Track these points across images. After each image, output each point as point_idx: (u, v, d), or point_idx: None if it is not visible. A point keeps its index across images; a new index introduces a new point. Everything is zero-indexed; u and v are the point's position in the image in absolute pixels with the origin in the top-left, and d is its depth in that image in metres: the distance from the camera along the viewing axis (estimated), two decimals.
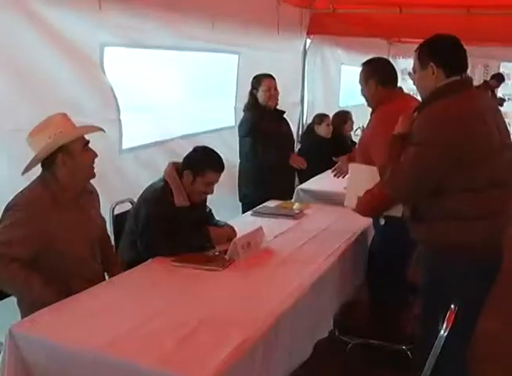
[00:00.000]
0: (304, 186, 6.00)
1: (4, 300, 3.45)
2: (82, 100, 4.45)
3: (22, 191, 3.33)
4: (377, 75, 4.28)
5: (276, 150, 5.55)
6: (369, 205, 4.12)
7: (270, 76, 5.73)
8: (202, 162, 4.00)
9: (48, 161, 3.32)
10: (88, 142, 3.43)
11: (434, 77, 3.24)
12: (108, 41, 4.69)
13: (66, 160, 3.31)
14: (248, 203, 5.45)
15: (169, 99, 5.97)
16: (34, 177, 3.40)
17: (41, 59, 4.11)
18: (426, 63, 3.27)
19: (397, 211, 4.02)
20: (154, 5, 5.03)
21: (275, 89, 5.70)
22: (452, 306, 2.89)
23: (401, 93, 4.41)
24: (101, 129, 3.57)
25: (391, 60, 13.87)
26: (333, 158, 5.10)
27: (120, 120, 4.85)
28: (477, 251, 3.19)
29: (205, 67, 6.45)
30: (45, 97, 4.16)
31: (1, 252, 3.14)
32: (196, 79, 6.40)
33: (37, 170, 3.41)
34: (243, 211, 5.46)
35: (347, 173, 4.65)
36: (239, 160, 5.84)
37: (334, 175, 4.93)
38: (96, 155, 3.45)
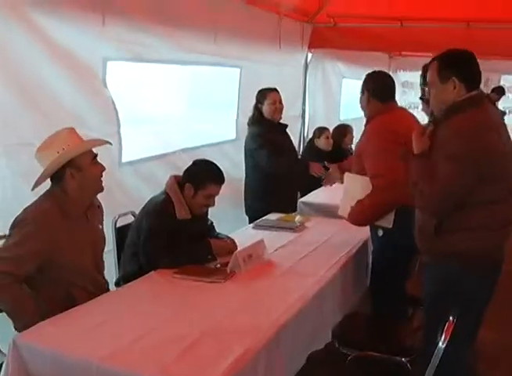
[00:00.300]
0: (305, 199, 6.03)
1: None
2: (84, 114, 4.48)
3: (30, 205, 3.35)
4: (372, 88, 4.37)
5: (287, 159, 5.59)
6: (361, 215, 4.26)
7: (275, 90, 5.76)
8: (202, 175, 4.03)
9: (56, 176, 3.35)
10: (96, 155, 3.46)
11: (456, 91, 3.28)
12: (111, 56, 4.72)
13: (75, 174, 3.34)
14: (255, 216, 5.46)
15: (170, 112, 6.00)
16: (41, 191, 3.43)
17: (44, 73, 4.15)
18: (447, 77, 3.30)
19: (387, 223, 4.14)
20: (156, 20, 5.08)
21: (280, 103, 5.73)
22: (451, 318, 2.90)
23: (394, 106, 4.46)
24: (108, 142, 3.61)
25: (391, 73, 14.02)
26: (325, 163, 5.16)
27: (119, 133, 4.88)
28: (495, 258, 3.32)
29: (207, 80, 6.48)
30: (49, 111, 4.19)
31: (8, 270, 3.15)
32: (197, 92, 6.43)
33: (44, 184, 3.44)
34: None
35: (337, 181, 4.90)
36: (244, 174, 5.85)
37: (325, 184, 5.15)
38: (104, 168, 3.48)
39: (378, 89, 4.38)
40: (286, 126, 5.94)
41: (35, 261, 3.22)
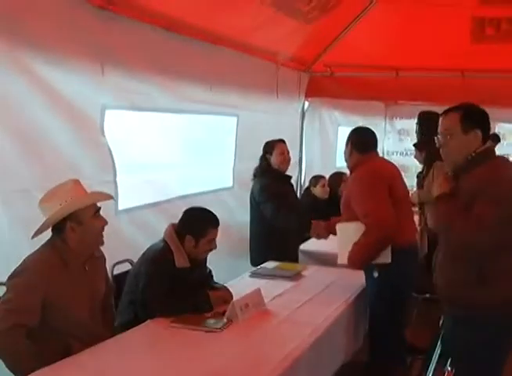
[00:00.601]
0: (303, 246, 6.02)
1: None
2: (81, 162, 4.49)
3: (30, 255, 3.35)
4: (355, 141, 4.76)
5: (293, 214, 5.58)
6: (358, 255, 4.38)
7: (283, 141, 5.90)
8: (200, 224, 4.05)
9: (57, 227, 3.37)
10: (99, 209, 3.49)
11: (477, 142, 3.38)
12: (109, 104, 4.76)
13: (75, 228, 3.36)
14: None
15: (167, 159, 6.01)
16: (38, 239, 3.43)
17: (44, 122, 4.17)
18: (470, 129, 3.39)
19: (385, 258, 4.28)
20: (154, 70, 5.13)
21: (288, 153, 5.87)
22: None
23: (375, 155, 4.87)
24: (111, 197, 3.68)
25: (387, 121, 14.12)
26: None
27: (116, 182, 4.87)
28: None
29: (203, 128, 6.51)
30: (46, 158, 4.20)
31: (20, 322, 3.14)
32: (194, 140, 6.45)
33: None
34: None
35: (326, 236, 5.06)
36: (240, 222, 5.85)
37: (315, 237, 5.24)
38: (106, 222, 3.51)
39: (360, 142, 4.74)
40: (290, 177, 6.04)
41: (37, 311, 3.21)
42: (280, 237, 5.58)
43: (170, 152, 6.03)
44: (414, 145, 7.91)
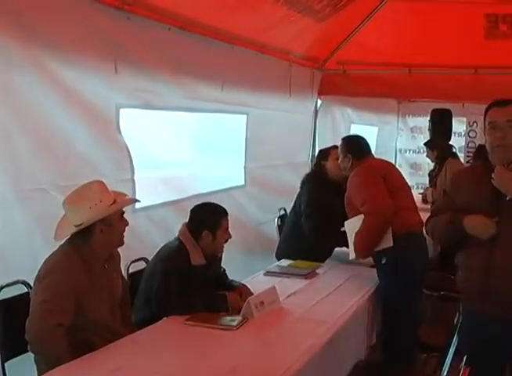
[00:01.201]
0: None
1: (20, 356, 3.47)
2: (98, 160, 4.52)
3: (53, 255, 3.38)
4: (352, 152, 4.93)
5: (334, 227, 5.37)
6: (360, 243, 4.58)
7: (336, 146, 5.58)
8: (213, 216, 4.09)
9: (84, 229, 3.39)
10: (123, 211, 3.55)
11: None
12: (123, 103, 4.78)
13: (104, 230, 3.41)
14: None
15: (180, 157, 6.03)
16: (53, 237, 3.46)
17: (59, 120, 4.19)
18: None
19: (387, 243, 4.44)
20: (167, 69, 5.15)
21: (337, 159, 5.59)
22: None
23: (371, 159, 5.00)
24: (137, 200, 3.86)
25: (400, 119, 14.09)
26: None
27: (134, 180, 4.91)
28: None
29: (216, 126, 6.53)
30: (64, 157, 4.24)
31: (59, 322, 3.19)
32: (206, 138, 6.47)
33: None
34: None
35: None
36: (252, 220, 5.80)
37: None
38: (128, 223, 3.56)
39: (358, 151, 4.93)
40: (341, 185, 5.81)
41: (71, 311, 3.26)
42: (314, 243, 5.48)
43: (183, 150, 6.05)
44: (425, 143, 7.91)
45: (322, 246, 5.53)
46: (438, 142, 7.86)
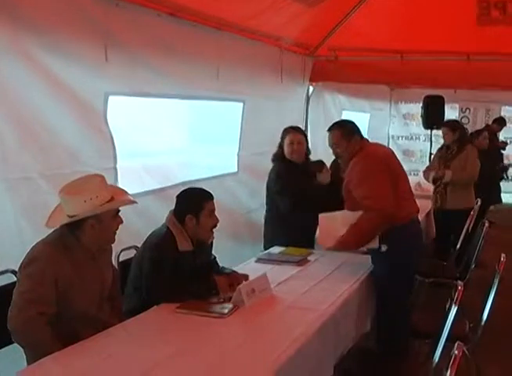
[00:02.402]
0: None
1: (10, 346, 3.46)
2: (82, 149, 4.49)
3: (39, 244, 3.36)
4: (353, 130, 4.77)
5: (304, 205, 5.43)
6: (355, 237, 4.53)
7: (296, 129, 5.70)
8: (195, 199, 4.07)
9: (74, 223, 3.36)
10: (119, 210, 3.51)
11: None
12: (112, 91, 4.74)
13: (95, 226, 3.37)
14: None
15: (171, 145, 6.00)
16: (42, 225, 3.44)
17: (46, 108, 4.17)
18: None
19: (374, 243, 4.47)
20: (158, 55, 5.12)
21: (299, 143, 5.60)
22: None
23: (367, 142, 4.86)
24: (135, 202, 3.69)
25: (393, 105, 14.10)
26: None
27: (116, 169, 4.86)
28: None
29: (208, 114, 6.50)
30: (49, 146, 4.21)
31: (42, 310, 3.17)
32: (198, 125, 6.44)
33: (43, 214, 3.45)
34: None
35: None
36: (244, 207, 5.81)
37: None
38: (122, 221, 3.53)
39: (357, 129, 4.78)
40: (308, 166, 5.80)
41: (55, 296, 3.24)
42: (296, 223, 5.46)
43: (174, 138, 6.03)
44: (446, 123, 7.77)
45: (296, 227, 5.48)
46: (460, 125, 7.79)
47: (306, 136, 5.75)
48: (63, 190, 3.38)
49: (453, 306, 3.64)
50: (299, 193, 5.38)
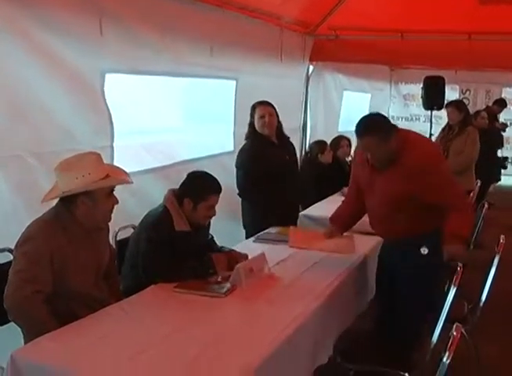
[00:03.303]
0: (307, 211, 5.98)
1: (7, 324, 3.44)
2: (77, 127, 4.46)
3: (34, 222, 3.34)
4: (392, 126, 4.02)
5: (275, 183, 5.39)
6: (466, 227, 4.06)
7: (264, 102, 5.55)
8: (201, 188, 4.00)
9: (67, 198, 3.33)
10: (114, 187, 3.46)
11: None
12: (109, 68, 4.70)
13: (87, 203, 3.34)
14: (251, 229, 5.40)
15: (167, 124, 5.96)
16: (36, 203, 3.41)
17: (38, 85, 4.12)
18: None
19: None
20: (154, 32, 5.07)
21: (271, 115, 5.48)
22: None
23: (402, 132, 4.07)
24: (130, 182, 3.61)
25: (393, 86, 14.06)
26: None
27: (112, 147, 4.82)
28: None
29: (205, 92, 6.46)
30: (41, 124, 4.18)
31: (38, 288, 3.16)
32: (195, 104, 6.40)
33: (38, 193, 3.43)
34: (247, 238, 5.40)
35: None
36: None
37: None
38: (118, 202, 3.48)
39: (388, 124, 4.03)
40: (286, 139, 5.77)
41: (49, 277, 3.22)
42: (268, 201, 5.40)
43: (170, 116, 6.00)
44: (453, 103, 7.69)
45: (259, 204, 5.46)
46: (465, 106, 7.72)
47: (275, 109, 5.61)
48: (58, 167, 3.35)
49: (452, 287, 3.62)
50: (260, 168, 5.32)
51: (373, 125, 3.96)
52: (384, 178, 4.00)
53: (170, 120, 6.00)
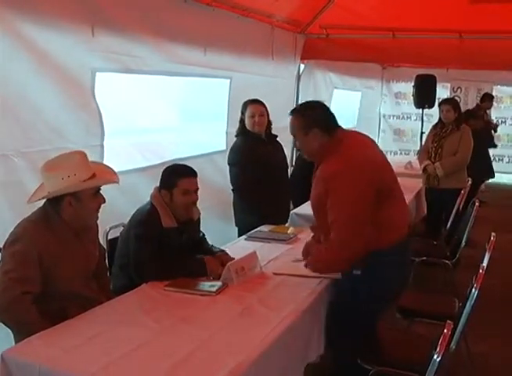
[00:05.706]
0: (298, 210, 5.97)
1: None
2: (67, 126, 4.45)
3: (22, 222, 3.33)
4: (318, 120, 3.69)
5: (267, 180, 5.42)
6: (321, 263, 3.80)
7: (256, 101, 5.59)
8: (170, 176, 4.01)
9: (54, 199, 3.33)
10: (100, 187, 3.45)
11: None
12: (100, 67, 4.69)
13: (73, 203, 3.33)
14: (243, 227, 5.40)
15: (160, 123, 5.95)
16: (20, 204, 3.43)
17: (30, 84, 4.11)
18: None
19: (337, 275, 3.86)
20: (146, 31, 5.06)
21: (261, 115, 5.52)
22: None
23: (345, 135, 3.77)
24: (116, 182, 3.58)
25: (384, 84, 14.05)
26: None
27: (103, 146, 4.81)
28: None
29: (197, 91, 6.46)
30: (29, 123, 4.16)
31: (27, 290, 3.14)
32: (188, 103, 6.39)
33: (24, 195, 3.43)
34: (239, 236, 5.40)
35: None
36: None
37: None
38: (104, 201, 3.47)
39: (324, 119, 3.72)
40: (274, 138, 5.79)
41: (38, 277, 3.21)
42: (260, 198, 5.41)
43: (162, 115, 5.98)
44: (447, 101, 7.68)
45: (253, 201, 5.46)
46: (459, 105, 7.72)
47: (266, 108, 5.64)
48: (43, 167, 3.35)
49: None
50: (254, 165, 5.35)
51: (302, 110, 3.84)
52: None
53: (163, 119, 6.00)
